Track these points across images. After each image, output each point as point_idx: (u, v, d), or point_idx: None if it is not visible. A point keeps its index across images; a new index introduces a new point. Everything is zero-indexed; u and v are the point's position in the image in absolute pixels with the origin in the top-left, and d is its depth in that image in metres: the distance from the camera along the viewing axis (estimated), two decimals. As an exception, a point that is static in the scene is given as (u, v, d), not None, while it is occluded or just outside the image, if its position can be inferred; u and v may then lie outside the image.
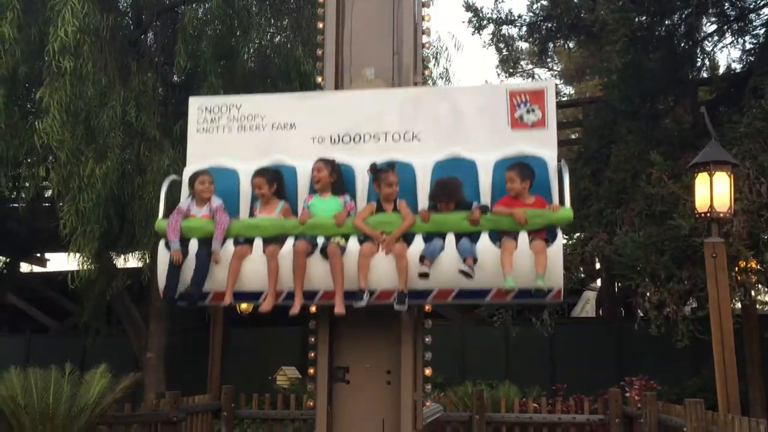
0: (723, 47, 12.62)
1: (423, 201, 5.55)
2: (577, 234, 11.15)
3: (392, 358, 5.74)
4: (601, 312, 16.54)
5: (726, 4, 11.72)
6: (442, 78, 12.60)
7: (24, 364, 6.53)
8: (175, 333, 13.14)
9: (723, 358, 6.71)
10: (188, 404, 8.04)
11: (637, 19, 10.84)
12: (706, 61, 12.69)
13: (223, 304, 5.44)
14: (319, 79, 6.31)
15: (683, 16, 11.63)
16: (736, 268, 8.74)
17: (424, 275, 5.11)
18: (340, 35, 6.28)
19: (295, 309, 5.31)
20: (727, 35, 12.08)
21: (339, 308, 5.20)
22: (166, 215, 5.68)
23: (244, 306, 14.95)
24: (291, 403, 9.04)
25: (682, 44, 11.89)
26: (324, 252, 5.31)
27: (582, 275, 12.11)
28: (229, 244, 5.52)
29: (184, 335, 13.75)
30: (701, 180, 7.23)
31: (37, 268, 20.67)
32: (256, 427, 9.15)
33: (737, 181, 7.96)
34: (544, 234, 5.24)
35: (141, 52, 11.11)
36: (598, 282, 16.29)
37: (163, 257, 5.54)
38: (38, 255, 19.99)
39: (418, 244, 5.28)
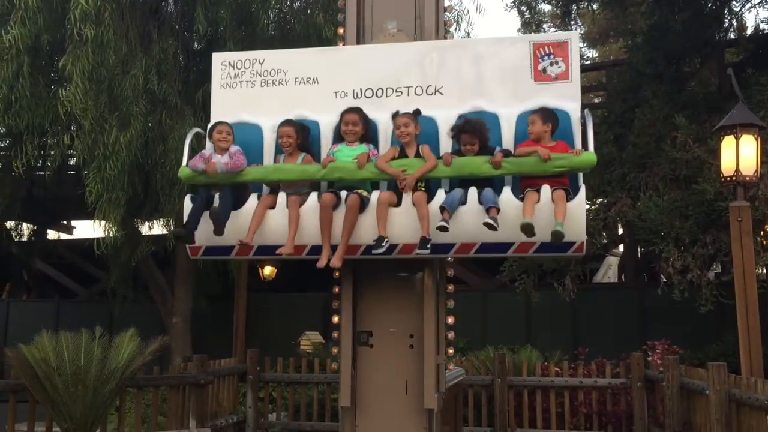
0: (751, 7, 12.28)
1: (446, 152, 5.50)
2: (600, 199, 11.07)
3: (415, 322, 5.79)
4: (623, 277, 16.49)
5: (756, -38, 11.44)
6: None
7: (54, 329, 6.68)
8: (200, 298, 13.34)
9: (747, 323, 6.70)
10: (215, 367, 8.19)
11: (663, -22, 10.64)
12: (734, 22, 12.37)
13: (246, 247, 5.40)
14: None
15: (711, -26, 11.37)
16: (762, 232, 8.66)
17: (443, 228, 5.04)
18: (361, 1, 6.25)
19: (322, 261, 5.26)
20: (756, -6, 11.78)
21: (336, 261, 5.18)
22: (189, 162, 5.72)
23: (267, 272, 15.08)
24: (315, 367, 9.18)
25: (710, 4, 11.61)
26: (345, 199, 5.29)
27: (605, 240, 12.06)
28: (254, 197, 5.55)
29: (210, 301, 13.96)
30: (727, 143, 7.13)
31: (63, 236, 21.03)
32: (281, 390, 9.31)
33: (764, 144, 7.84)
34: (567, 182, 5.22)
35: (161, 19, 11.08)
36: (621, 247, 16.21)
37: (187, 207, 5.60)
38: (65, 222, 20.34)
39: (439, 198, 5.27)
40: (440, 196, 5.29)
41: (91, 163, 9.63)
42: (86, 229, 21.14)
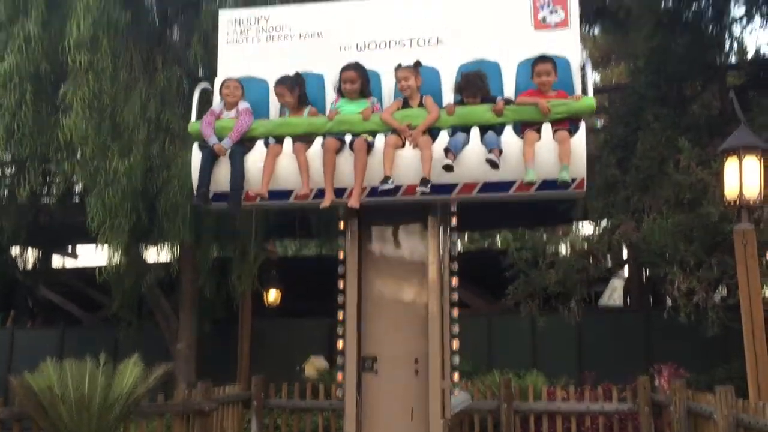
0: (752, 31, 12.40)
1: (449, 102, 5.66)
2: (604, 222, 11.06)
3: (420, 347, 5.77)
4: (629, 300, 16.41)
5: (755, -15, 11.53)
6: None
7: (59, 356, 6.67)
8: (204, 324, 13.30)
9: (754, 346, 6.66)
10: (219, 394, 8.15)
11: (663, 4, 10.70)
12: (735, 45, 12.47)
13: (259, 199, 5.60)
14: None
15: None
16: (767, 254, 8.63)
17: (448, 167, 5.23)
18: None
19: (326, 203, 5.48)
20: (756, 18, 11.86)
21: (354, 202, 5.42)
22: (199, 117, 5.88)
23: (271, 298, 15.05)
24: (320, 393, 9.12)
25: (710, 28, 11.70)
26: (352, 147, 5.49)
27: (609, 264, 12.02)
28: (261, 144, 5.71)
29: (214, 326, 13.92)
30: (730, 165, 7.15)
31: (69, 261, 21.03)
32: (285, 417, 9.24)
33: None
34: (567, 125, 5.33)
35: (166, 46, 11.18)
36: (626, 270, 16.15)
37: (196, 158, 5.74)
38: (70, 248, 20.36)
39: (443, 139, 5.42)
40: (443, 137, 5.44)
41: (92, 190, 9.67)
42: (91, 254, 21.16)
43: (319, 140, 5.61)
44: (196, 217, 10.13)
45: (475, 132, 5.37)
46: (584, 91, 5.51)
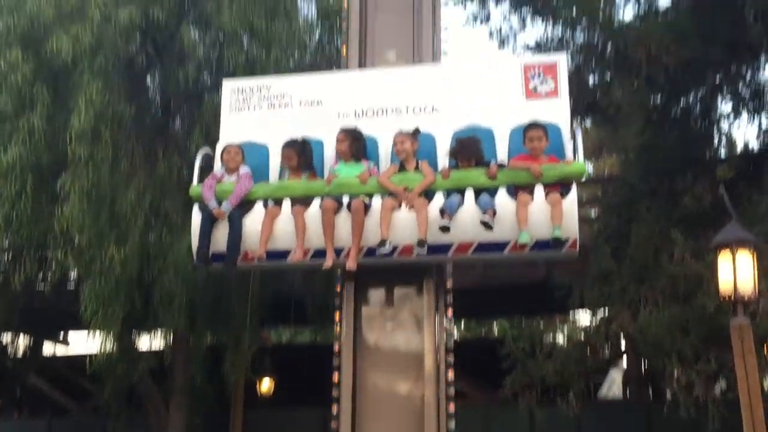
0: (740, 126, 12.74)
1: (444, 166, 5.80)
2: (601, 314, 11.02)
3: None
4: (628, 392, 16.15)
5: (740, 84, 11.89)
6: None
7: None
8: (196, 414, 13.00)
9: (755, 443, 6.54)
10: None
11: (652, 101, 11.02)
12: (723, 140, 12.76)
13: (257, 260, 5.70)
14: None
15: (698, 96, 11.80)
16: (766, 347, 8.57)
17: (444, 228, 5.37)
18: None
19: (328, 262, 5.63)
20: (743, 114, 12.19)
21: (351, 263, 5.57)
22: (201, 181, 6.01)
23: (264, 388, 14.76)
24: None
25: (699, 124, 12.00)
26: (349, 207, 5.60)
27: (608, 354, 11.91)
28: (260, 206, 5.85)
29: (205, 416, 13.60)
30: (724, 259, 7.21)
31: (60, 348, 20.69)
32: None
33: (761, 260, 7.90)
34: (559, 188, 5.43)
35: (168, 136, 11.41)
36: (624, 361, 15.97)
37: (197, 219, 5.86)
38: (62, 334, 20.07)
39: (438, 200, 5.52)
40: (439, 200, 5.55)
41: (87, 279, 9.67)
42: (83, 341, 20.85)
43: (316, 202, 5.73)
44: (191, 303, 10.08)
45: (469, 194, 5.51)
46: (575, 154, 5.67)
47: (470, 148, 5.71)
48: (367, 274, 5.94)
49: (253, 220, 5.77)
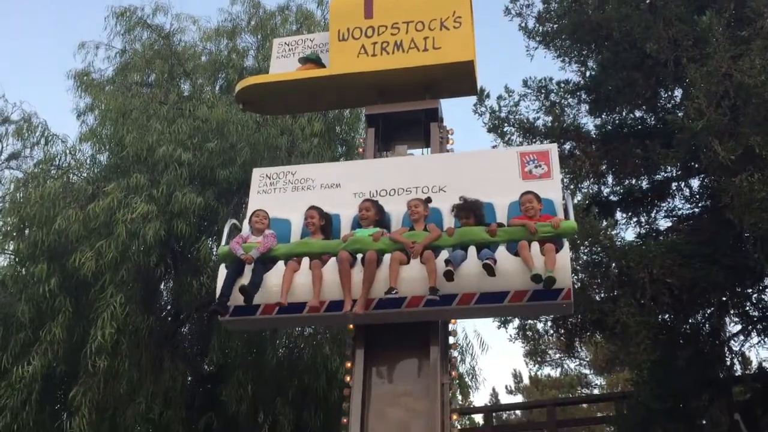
0: (750, 347, 12.57)
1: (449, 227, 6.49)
2: None
3: None
4: None
5: (747, 304, 11.88)
6: (468, 375, 12.56)
7: None
8: None
9: None
10: None
11: (660, 318, 10.99)
12: (736, 360, 12.54)
13: (277, 309, 6.21)
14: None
15: (706, 315, 11.78)
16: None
17: (448, 273, 5.85)
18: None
19: (347, 307, 6.10)
20: (753, 335, 12.10)
21: (359, 308, 6.04)
22: (227, 243, 6.71)
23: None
24: None
25: (709, 343, 11.87)
26: (362, 261, 6.19)
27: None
28: (281, 264, 6.45)
29: None
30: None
31: None
32: None
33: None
34: (553, 244, 5.99)
35: (176, 344, 11.43)
36: None
37: (222, 274, 6.48)
38: None
39: (444, 255, 6.13)
40: (445, 254, 6.15)
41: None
42: None
43: (333, 259, 6.31)
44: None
45: (472, 250, 6.09)
46: (566, 216, 6.30)
47: (471, 205, 6.40)
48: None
49: (275, 276, 6.33)
